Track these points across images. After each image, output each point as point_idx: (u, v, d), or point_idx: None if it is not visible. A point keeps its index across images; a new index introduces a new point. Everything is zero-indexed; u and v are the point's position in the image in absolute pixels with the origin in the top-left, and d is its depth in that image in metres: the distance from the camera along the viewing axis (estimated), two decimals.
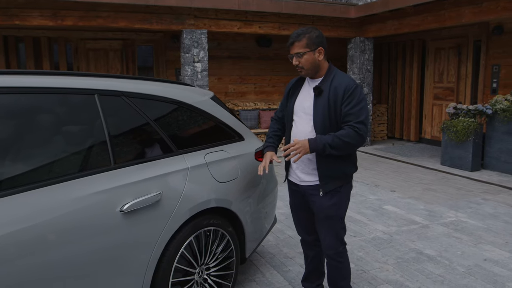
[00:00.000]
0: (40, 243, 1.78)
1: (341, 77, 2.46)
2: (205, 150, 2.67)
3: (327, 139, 2.32)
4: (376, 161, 7.91)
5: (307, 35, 2.43)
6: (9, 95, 1.89)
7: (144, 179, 2.19)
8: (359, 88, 2.41)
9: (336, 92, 2.39)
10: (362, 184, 6.13)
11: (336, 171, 2.46)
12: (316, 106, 2.44)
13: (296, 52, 2.44)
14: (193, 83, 7.95)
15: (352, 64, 9.33)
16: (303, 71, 2.49)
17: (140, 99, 2.39)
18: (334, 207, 2.49)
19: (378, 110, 10.39)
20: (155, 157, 2.34)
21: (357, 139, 2.34)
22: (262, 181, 3.07)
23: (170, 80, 2.84)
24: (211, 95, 3.03)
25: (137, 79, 2.52)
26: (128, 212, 2.06)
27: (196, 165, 2.52)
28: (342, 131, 2.35)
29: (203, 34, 7.93)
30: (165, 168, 2.33)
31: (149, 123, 2.38)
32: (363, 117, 2.35)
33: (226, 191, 2.65)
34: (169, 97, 2.56)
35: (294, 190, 2.67)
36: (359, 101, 2.37)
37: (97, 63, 8.78)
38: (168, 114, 2.56)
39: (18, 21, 6.83)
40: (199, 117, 2.75)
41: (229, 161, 2.78)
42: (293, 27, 8.63)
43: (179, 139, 2.56)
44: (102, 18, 7.26)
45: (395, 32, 8.22)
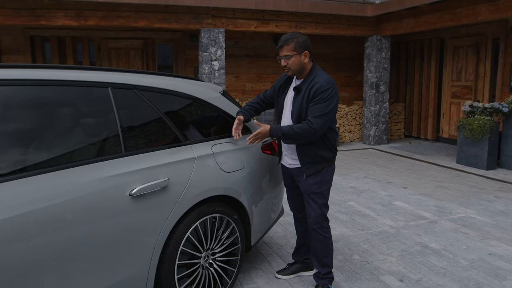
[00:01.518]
0: (55, 222, 1.95)
1: (319, 77, 2.73)
2: (212, 141, 2.82)
3: (284, 129, 2.70)
4: (391, 159, 7.93)
5: (295, 40, 2.73)
6: (33, 87, 2.07)
7: (152, 166, 2.35)
8: (330, 90, 2.66)
9: (310, 90, 2.70)
10: (374, 181, 6.19)
11: (314, 156, 2.79)
12: (295, 103, 2.79)
13: (284, 54, 2.75)
14: (211, 81, 8.14)
15: (368, 62, 9.35)
16: (290, 71, 2.83)
17: (151, 92, 2.55)
18: (317, 185, 2.83)
19: (395, 108, 10.38)
20: (164, 146, 2.50)
21: (308, 132, 2.65)
22: (268, 173, 3.21)
23: (182, 75, 3.00)
24: (221, 90, 3.18)
25: (149, 73, 2.68)
26: (136, 196, 2.23)
27: (203, 155, 2.67)
28: (299, 124, 2.69)
29: (221, 33, 8.10)
30: (173, 156, 2.49)
31: (159, 114, 2.54)
32: (319, 113, 2.64)
33: (231, 181, 2.80)
34: (179, 90, 2.71)
35: (285, 172, 3.07)
36: (324, 100, 2.64)
37: (118, 62, 9.06)
38: (177, 106, 2.71)
39: (44, 21, 7.14)
40: (207, 110, 2.90)
41: (235, 152, 2.92)
42: (310, 26, 8.73)
43: (188, 130, 2.71)
44: (123, 18, 7.51)
45: (411, 30, 8.22)
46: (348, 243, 3.86)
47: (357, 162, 7.64)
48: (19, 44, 8.34)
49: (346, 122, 9.97)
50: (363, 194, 5.44)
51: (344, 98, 10.77)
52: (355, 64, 10.70)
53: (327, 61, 10.44)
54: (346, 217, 4.55)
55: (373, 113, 9.37)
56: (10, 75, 2.02)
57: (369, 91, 9.41)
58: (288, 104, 2.88)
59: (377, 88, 9.32)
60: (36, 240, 1.89)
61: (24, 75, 2.06)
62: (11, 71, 2.05)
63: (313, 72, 2.80)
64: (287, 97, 2.92)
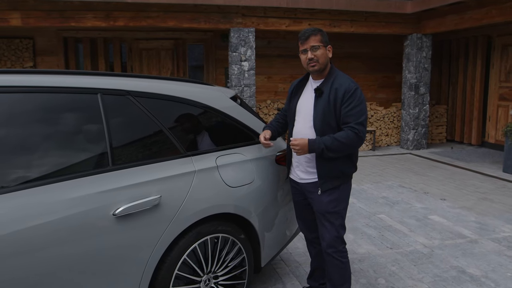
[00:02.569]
0: (28, 245, 1.76)
1: (342, 78, 2.49)
2: (218, 152, 2.56)
3: (326, 141, 2.37)
4: (429, 166, 7.40)
5: (321, 32, 2.50)
6: (10, 94, 1.89)
7: (143, 182, 2.12)
8: (359, 90, 2.44)
9: (336, 93, 2.42)
10: (410, 190, 5.73)
11: (335, 171, 2.49)
12: (317, 107, 2.48)
13: (312, 45, 2.47)
14: (240, 82, 7.91)
15: (408, 62, 8.81)
16: (317, 65, 2.48)
17: (148, 99, 2.32)
18: (332, 203, 2.52)
19: (436, 111, 9.76)
20: (159, 159, 2.26)
21: (356, 141, 2.39)
22: (282, 186, 2.91)
23: (187, 79, 2.76)
24: (231, 94, 2.91)
25: (148, 77, 2.46)
26: (121, 216, 2.00)
27: (205, 168, 2.41)
28: (341, 133, 2.39)
29: (251, 32, 7.85)
30: (168, 170, 2.24)
31: (155, 123, 2.30)
32: (362, 119, 2.40)
33: (237, 196, 2.52)
34: (181, 96, 2.47)
35: (295, 187, 2.74)
36: (359, 102, 2.40)
37: (149, 62, 9.01)
38: (178, 114, 2.47)
39: (73, 23, 7.15)
40: (213, 117, 2.64)
41: (244, 164, 2.65)
42: (345, 24, 8.32)
43: (189, 140, 2.47)
44: (151, 18, 7.42)
45: (455, 27, 7.64)
46: (374, 263, 3.49)
47: (392, 168, 7.17)
48: (53, 45, 8.44)
49: (383, 125, 9.46)
50: (396, 206, 5.02)
51: (382, 100, 10.25)
52: (393, 64, 10.14)
53: (364, 61, 9.97)
54: (374, 232, 4.17)
55: (412, 116, 8.82)
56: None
57: (408, 92, 8.87)
58: (304, 108, 2.56)
59: (417, 89, 8.76)
60: (10, 261, 1.71)
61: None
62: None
63: (333, 72, 2.53)
64: (301, 101, 2.61)
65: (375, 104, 9.78)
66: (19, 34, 8.21)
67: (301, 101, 2.62)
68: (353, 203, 5.10)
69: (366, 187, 5.90)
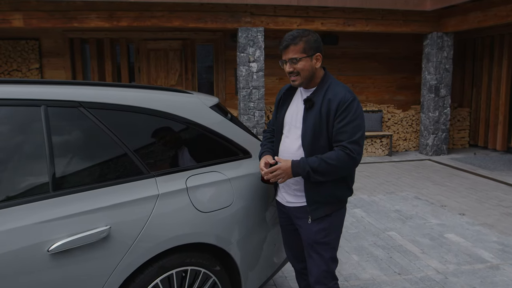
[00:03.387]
0: None
1: (337, 87, 2.12)
2: (190, 171, 2.22)
3: (313, 163, 2.01)
4: (449, 174, 6.90)
5: (304, 38, 2.09)
6: None
7: (89, 210, 1.79)
8: (355, 102, 2.07)
9: (330, 105, 2.07)
10: (426, 203, 5.28)
11: (327, 196, 2.14)
12: (306, 120, 2.12)
13: (291, 57, 2.10)
14: (248, 84, 7.58)
15: (427, 63, 8.30)
16: (298, 79, 2.14)
17: (104, 110, 2.00)
18: (323, 233, 2.17)
19: (458, 114, 9.21)
20: (114, 182, 1.94)
21: (348, 163, 2.03)
22: (269, 207, 2.56)
23: (159, 87, 2.44)
24: (212, 102, 2.56)
25: (108, 85, 2.14)
26: (58, 253, 1.69)
27: (171, 191, 2.08)
28: (331, 153, 2.04)
29: (260, 32, 7.50)
30: (124, 195, 1.92)
31: (113, 139, 1.98)
32: (357, 136, 2.03)
33: (211, 223, 2.18)
34: (146, 107, 2.14)
35: (281, 211, 2.39)
36: (354, 117, 2.04)
37: (157, 63, 8.77)
38: (143, 127, 2.14)
39: (76, 23, 6.95)
40: (186, 130, 2.31)
41: (220, 184, 2.30)
42: (360, 22, 7.88)
43: (155, 158, 2.14)
44: (156, 18, 7.16)
45: (478, 25, 7.10)
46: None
47: (408, 177, 6.70)
48: (59, 46, 8.28)
49: (401, 128, 8.97)
50: (409, 221, 4.59)
51: (400, 102, 9.74)
52: (412, 65, 9.62)
53: (380, 61, 9.48)
54: (382, 254, 3.77)
55: (432, 120, 8.31)
56: None
57: (427, 95, 8.36)
58: (293, 121, 2.20)
59: (437, 91, 8.25)
60: None
61: None
62: None
63: (326, 80, 2.16)
64: (289, 112, 2.25)
65: (392, 107, 9.30)
66: (24, 35, 8.08)
67: (289, 112, 2.25)
68: (362, 218, 4.70)
69: (378, 198, 5.47)
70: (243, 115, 7.59)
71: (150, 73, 8.77)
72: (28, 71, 8.15)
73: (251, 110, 7.60)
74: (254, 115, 7.62)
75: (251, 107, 7.60)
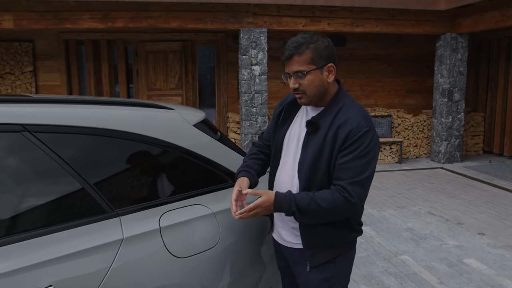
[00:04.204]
0: None
1: (351, 111, 1.68)
2: (165, 206, 1.83)
3: (301, 202, 1.61)
4: (464, 184, 6.45)
5: (312, 46, 1.65)
6: None
7: (26, 266, 1.41)
8: (370, 134, 1.63)
9: (338, 132, 1.64)
10: (440, 220, 4.85)
11: (328, 238, 1.74)
12: (307, 147, 1.71)
13: (295, 70, 1.66)
14: (250, 89, 7.18)
15: (440, 65, 7.86)
16: (304, 97, 1.72)
17: (56, 134, 1.62)
18: (325, 283, 1.76)
19: (472, 119, 8.75)
20: (65, 225, 1.55)
21: (344, 208, 1.62)
22: (265, 243, 2.16)
23: (131, 101, 2.05)
24: (198, 118, 2.16)
25: (61, 102, 1.76)
26: None
27: (139, 233, 1.69)
28: (326, 193, 1.62)
29: (262, 33, 7.11)
30: (75, 243, 1.53)
31: (66, 170, 1.60)
32: (362, 176, 1.62)
33: (190, 270, 1.79)
34: (110, 128, 1.76)
35: (278, 250, 1.97)
36: (365, 152, 1.61)
37: (156, 66, 8.39)
38: (105, 154, 1.76)
39: (69, 24, 6.61)
40: (163, 155, 1.92)
41: (204, 221, 1.91)
42: (369, 23, 7.46)
43: (120, 192, 1.75)
44: (153, 18, 6.80)
45: (496, 25, 6.65)
46: None
47: (420, 188, 6.27)
48: (53, 48, 7.93)
49: (412, 134, 8.54)
50: (423, 243, 4.17)
51: (410, 106, 9.29)
52: (424, 67, 9.16)
53: (390, 63, 9.04)
54: (393, 283, 3.35)
55: (445, 126, 7.86)
56: None
57: (440, 99, 7.91)
58: (293, 145, 1.79)
59: (450, 95, 7.80)
60: None
61: None
62: None
63: (339, 99, 1.73)
64: (291, 132, 1.82)
65: (402, 111, 8.86)
66: (18, 36, 7.74)
67: (290, 133, 1.83)
68: (372, 238, 4.28)
69: (388, 214, 5.05)
70: (245, 121, 7.20)
71: (148, 75, 8.41)
72: (22, 74, 7.82)
73: (253, 116, 7.20)
74: (256, 121, 7.22)
75: (253, 112, 7.21)
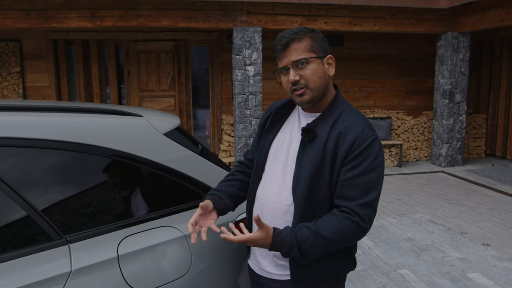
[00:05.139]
0: None
1: (352, 117, 1.45)
2: (126, 229, 1.58)
3: (304, 243, 1.33)
4: (466, 190, 6.20)
5: (310, 34, 1.46)
6: None
7: None
8: (377, 143, 1.41)
9: (339, 140, 1.40)
10: (442, 228, 4.60)
11: (323, 271, 1.47)
12: (303, 159, 1.44)
13: (295, 59, 1.43)
14: (244, 90, 6.93)
15: (441, 65, 7.60)
16: (307, 92, 1.45)
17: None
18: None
19: (474, 121, 8.49)
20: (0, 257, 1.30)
21: (356, 235, 1.38)
22: (243, 270, 1.90)
23: (89, 107, 1.79)
24: (170, 126, 1.91)
25: (3, 109, 1.51)
26: None
27: (92, 264, 1.43)
28: (331, 221, 1.35)
29: (257, 32, 6.86)
30: (9, 280, 1.28)
31: (3, 191, 1.35)
32: (373, 196, 1.37)
33: None
34: (60, 139, 1.50)
35: (254, 280, 1.66)
36: (373, 165, 1.38)
37: (147, 66, 8.13)
38: (53, 170, 1.50)
39: (55, 23, 6.36)
40: (124, 169, 1.67)
41: (172, 246, 1.66)
42: (367, 21, 7.20)
43: (71, 214, 1.50)
44: (143, 17, 6.54)
45: (499, 24, 6.40)
46: None
47: (421, 193, 6.02)
48: (41, 48, 7.67)
49: (412, 137, 8.28)
50: (424, 255, 3.91)
51: (410, 108, 9.03)
52: (424, 67, 8.90)
53: (389, 63, 8.78)
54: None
55: (446, 128, 7.60)
56: None
57: (441, 100, 7.66)
58: (282, 155, 1.53)
59: (452, 97, 7.54)
60: None
61: None
62: None
63: (338, 104, 1.50)
64: (278, 141, 1.56)
65: (402, 113, 8.61)
66: (4, 36, 7.48)
67: (278, 141, 1.57)
68: (369, 249, 4.03)
69: (387, 222, 4.80)
70: (239, 123, 6.95)
71: (140, 76, 8.15)
72: (9, 75, 7.57)
73: (248, 118, 6.95)
74: (250, 123, 6.97)
75: (247, 114, 6.95)
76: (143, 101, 8.22)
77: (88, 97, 8.02)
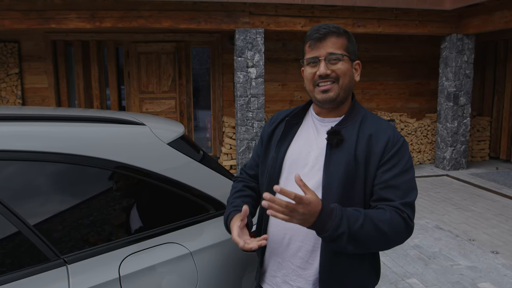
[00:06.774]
0: None
1: (377, 121, 1.43)
2: (128, 248, 1.48)
3: (354, 221, 1.23)
4: (472, 194, 6.10)
5: (347, 34, 1.42)
6: None
7: None
8: (407, 144, 1.41)
9: (371, 143, 1.36)
10: (450, 235, 4.49)
11: (351, 285, 1.38)
12: (331, 164, 1.35)
13: (331, 52, 1.37)
14: (246, 92, 6.83)
15: (445, 68, 7.50)
16: (334, 88, 1.38)
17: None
18: None
19: (478, 123, 8.40)
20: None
21: (403, 234, 1.30)
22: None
23: (88, 117, 1.69)
24: (175, 135, 1.81)
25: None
26: None
27: (91, 286, 1.33)
28: (379, 212, 1.28)
29: (259, 33, 6.75)
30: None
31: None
32: (413, 197, 1.34)
33: None
34: (57, 151, 1.40)
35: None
36: (408, 166, 1.36)
37: (148, 68, 8.03)
38: (49, 185, 1.40)
39: (54, 24, 6.25)
40: (127, 182, 1.56)
41: (177, 264, 1.56)
42: (371, 23, 7.11)
43: (69, 232, 1.39)
44: (143, 18, 6.44)
45: (505, 26, 6.30)
46: None
47: (426, 198, 5.92)
48: (40, 49, 7.57)
49: (415, 139, 8.19)
50: (432, 263, 3.81)
51: (414, 110, 8.94)
52: (427, 69, 8.81)
53: (393, 65, 8.69)
54: None
55: (450, 131, 7.51)
56: None
57: (445, 103, 7.56)
58: (300, 163, 1.42)
59: (456, 99, 7.44)
60: None
61: None
62: None
63: (358, 109, 1.46)
64: (292, 152, 1.45)
65: (405, 116, 8.50)
66: (2, 37, 7.38)
67: (292, 151, 1.46)
68: None
69: None
70: (241, 126, 6.85)
71: (140, 78, 8.05)
72: (7, 76, 7.46)
73: (250, 121, 6.84)
74: (252, 126, 6.86)
75: (249, 117, 6.85)
76: (143, 103, 8.12)
77: (87, 98, 7.92)
